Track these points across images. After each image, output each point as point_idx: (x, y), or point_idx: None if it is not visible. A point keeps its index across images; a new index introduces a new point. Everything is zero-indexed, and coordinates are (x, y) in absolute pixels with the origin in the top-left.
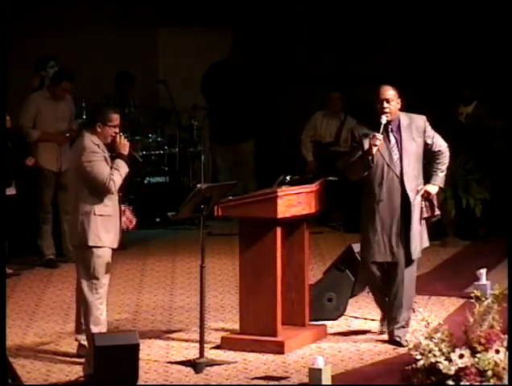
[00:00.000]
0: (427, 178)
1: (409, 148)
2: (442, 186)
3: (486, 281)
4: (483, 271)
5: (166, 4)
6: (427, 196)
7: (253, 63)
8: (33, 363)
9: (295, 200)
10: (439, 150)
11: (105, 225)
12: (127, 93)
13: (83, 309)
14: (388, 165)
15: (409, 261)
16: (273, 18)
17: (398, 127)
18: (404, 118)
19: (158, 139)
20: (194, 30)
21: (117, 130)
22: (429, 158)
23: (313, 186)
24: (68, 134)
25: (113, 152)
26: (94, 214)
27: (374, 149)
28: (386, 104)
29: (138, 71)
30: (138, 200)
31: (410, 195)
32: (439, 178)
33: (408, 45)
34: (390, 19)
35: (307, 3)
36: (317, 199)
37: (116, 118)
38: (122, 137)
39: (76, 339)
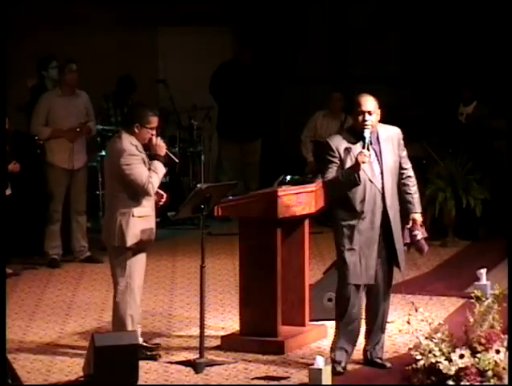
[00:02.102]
0: (404, 205)
1: (389, 162)
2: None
3: (486, 281)
4: (483, 271)
5: (166, 4)
6: (420, 224)
7: (259, 62)
8: (33, 363)
9: (295, 200)
10: (407, 169)
11: (143, 226)
12: (127, 96)
13: (116, 308)
14: (370, 180)
15: (390, 283)
16: (273, 18)
17: (377, 139)
18: (382, 130)
19: None
20: (194, 30)
21: (154, 132)
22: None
23: (313, 186)
24: (78, 129)
25: (147, 151)
26: (133, 216)
27: (362, 167)
28: (368, 117)
29: (138, 70)
30: None
31: (390, 212)
32: (419, 202)
33: (408, 45)
34: (391, 19)
35: (307, 3)
36: (317, 199)
37: (154, 120)
38: (159, 138)
39: None
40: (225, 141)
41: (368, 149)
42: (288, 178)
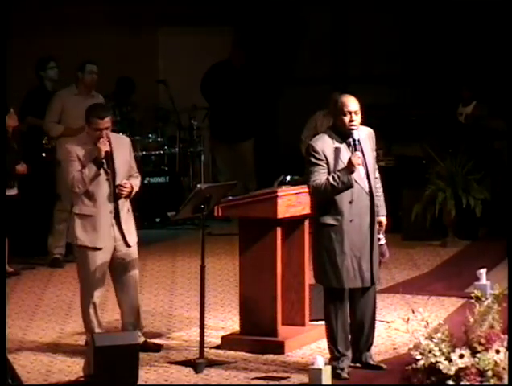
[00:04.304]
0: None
1: (371, 162)
2: None
3: (486, 281)
4: (483, 271)
5: (166, 4)
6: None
7: (253, 62)
8: (33, 363)
9: (295, 200)
10: (376, 169)
11: (84, 224)
12: (127, 96)
13: None
14: (357, 182)
15: (374, 282)
16: (273, 18)
17: (358, 140)
18: (359, 130)
19: (158, 139)
20: (194, 30)
21: (100, 133)
22: None
23: None
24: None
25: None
26: (72, 212)
27: (353, 169)
28: (354, 117)
29: (138, 71)
30: (138, 200)
31: (375, 214)
32: (384, 205)
33: (408, 45)
34: (391, 19)
35: (307, 3)
36: None
37: (97, 122)
38: (103, 141)
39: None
40: (216, 141)
41: (358, 151)
42: (288, 178)
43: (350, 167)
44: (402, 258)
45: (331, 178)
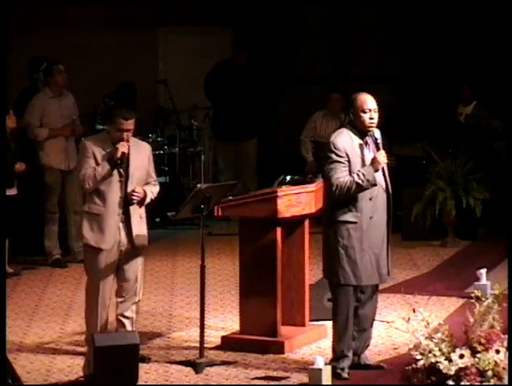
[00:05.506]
0: None
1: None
2: None
3: (486, 281)
4: (483, 271)
5: (166, 4)
6: None
7: (256, 62)
8: (33, 363)
9: (295, 200)
10: None
11: (91, 223)
12: (128, 101)
13: None
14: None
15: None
16: (273, 18)
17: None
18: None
19: (158, 139)
20: (194, 31)
21: (121, 134)
22: None
23: (313, 186)
24: (75, 119)
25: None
26: (83, 211)
27: (380, 167)
28: (374, 115)
29: (138, 71)
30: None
31: (391, 211)
32: None
33: (408, 45)
34: (391, 19)
35: (306, 3)
36: (317, 199)
37: (121, 122)
38: (123, 143)
39: None
40: (219, 141)
41: (379, 149)
42: (288, 178)
43: (376, 165)
44: (402, 258)
45: (356, 177)
